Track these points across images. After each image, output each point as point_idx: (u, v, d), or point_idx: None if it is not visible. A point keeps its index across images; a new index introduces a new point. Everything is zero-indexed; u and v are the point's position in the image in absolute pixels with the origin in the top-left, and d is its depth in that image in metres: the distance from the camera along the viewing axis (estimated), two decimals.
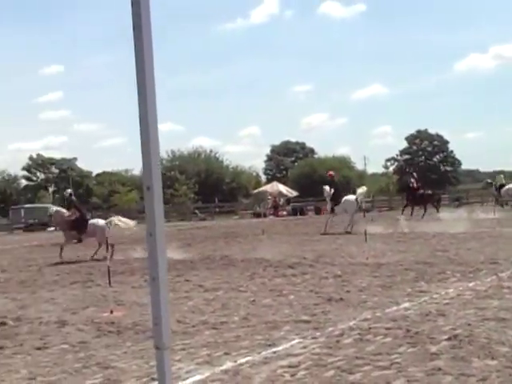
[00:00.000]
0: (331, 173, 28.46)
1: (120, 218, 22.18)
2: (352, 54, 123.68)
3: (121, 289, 12.51)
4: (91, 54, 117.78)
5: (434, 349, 6.68)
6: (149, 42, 2.64)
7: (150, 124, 2.62)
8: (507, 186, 37.25)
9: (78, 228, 20.66)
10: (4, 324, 9.68)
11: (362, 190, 26.36)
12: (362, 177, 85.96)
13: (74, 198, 21.92)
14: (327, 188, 26.96)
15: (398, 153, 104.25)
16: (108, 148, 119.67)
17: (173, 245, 19.73)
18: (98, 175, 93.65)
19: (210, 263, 16.53)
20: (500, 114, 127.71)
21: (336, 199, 26.11)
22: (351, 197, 26.00)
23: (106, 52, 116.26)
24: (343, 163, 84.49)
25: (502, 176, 39.82)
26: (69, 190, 23.24)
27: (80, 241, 20.97)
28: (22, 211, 56.48)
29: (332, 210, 26.51)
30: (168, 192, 62.09)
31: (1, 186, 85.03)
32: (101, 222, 20.85)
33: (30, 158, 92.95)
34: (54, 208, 23.04)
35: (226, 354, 7.05)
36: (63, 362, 7.20)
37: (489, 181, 40.90)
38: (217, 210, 60.44)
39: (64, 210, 21.70)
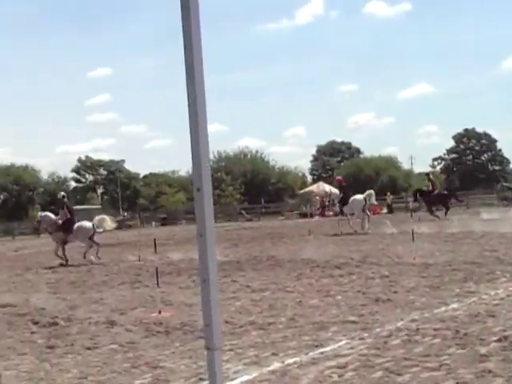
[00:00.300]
0: (339, 178, 30.57)
1: (106, 218, 22.77)
2: (398, 54, 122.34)
3: (168, 289, 12.62)
4: (138, 56, 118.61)
5: (483, 350, 6.60)
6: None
7: (199, 125, 2.62)
8: None
9: (65, 229, 21.34)
10: (55, 324, 9.87)
11: (370, 191, 27.61)
12: (409, 176, 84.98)
13: (66, 200, 22.62)
14: (336, 192, 28.80)
15: (445, 152, 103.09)
16: (155, 149, 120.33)
17: (220, 245, 19.85)
18: (145, 177, 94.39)
19: (257, 264, 16.57)
20: None
21: (344, 202, 27.31)
22: (359, 196, 27.12)
23: (153, 54, 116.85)
24: (389, 163, 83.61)
25: None
26: (62, 193, 24.24)
27: (65, 242, 21.26)
28: None
29: (341, 212, 27.85)
30: (215, 193, 62.35)
31: (50, 187, 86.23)
32: (87, 224, 21.54)
33: (79, 160, 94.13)
34: (42, 213, 23.93)
35: (273, 354, 7.07)
36: (113, 362, 7.31)
37: (505, 184, 40.87)
38: (263, 210, 60.56)
39: (52, 215, 22.61)
